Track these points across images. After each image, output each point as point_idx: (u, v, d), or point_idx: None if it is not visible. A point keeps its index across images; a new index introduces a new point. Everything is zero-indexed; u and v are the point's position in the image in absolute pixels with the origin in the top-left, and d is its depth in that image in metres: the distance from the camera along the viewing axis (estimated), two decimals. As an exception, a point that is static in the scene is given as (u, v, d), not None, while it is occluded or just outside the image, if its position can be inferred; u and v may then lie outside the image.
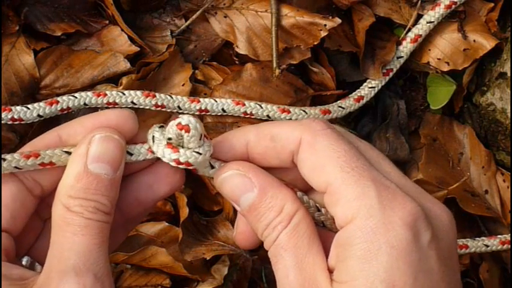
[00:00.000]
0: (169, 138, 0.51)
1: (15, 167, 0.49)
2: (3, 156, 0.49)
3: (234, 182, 0.51)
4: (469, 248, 0.88)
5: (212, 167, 0.53)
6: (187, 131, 0.51)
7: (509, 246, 0.90)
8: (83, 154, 0.49)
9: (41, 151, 0.50)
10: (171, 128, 0.51)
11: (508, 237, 0.90)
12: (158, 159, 0.53)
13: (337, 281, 0.47)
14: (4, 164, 0.49)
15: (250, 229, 0.52)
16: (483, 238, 0.90)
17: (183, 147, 0.51)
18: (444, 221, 0.49)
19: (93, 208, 0.48)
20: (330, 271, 0.48)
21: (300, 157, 0.50)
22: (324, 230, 0.52)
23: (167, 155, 0.51)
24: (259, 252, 0.88)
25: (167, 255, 0.83)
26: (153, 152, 0.52)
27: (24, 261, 0.51)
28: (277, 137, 0.51)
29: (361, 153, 0.49)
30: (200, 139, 0.51)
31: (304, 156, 0.50)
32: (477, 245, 0.89)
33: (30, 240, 0.54)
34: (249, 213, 0.50)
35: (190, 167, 0.52)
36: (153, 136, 0.52)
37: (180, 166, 0.51)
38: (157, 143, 0.51)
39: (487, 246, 0.89)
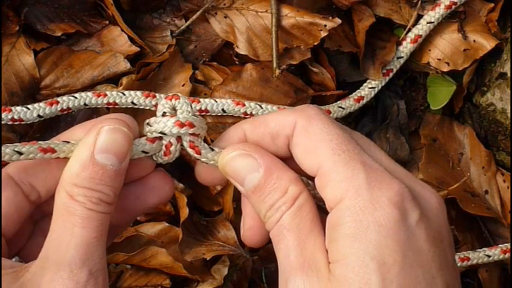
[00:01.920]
0: (164, 114, 0.52)
1: (15, 151, 0.49)
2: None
3: (239, 162, 0.51)
4: (471, 259, 0.88)
5: (212, 149, 0.53)
6: (177, 98, 0.52)
7: (510, 254, 0.90)
8: (90, 143, 0.49)
9: (38, 141, 0.50)
10: (161, 104, 0.52)
11: (509, 246, 0.90)
12: (157, 158, 0.53)
13: (331, 262, 0.47)
14: (2, 147, 0.49)
15: (259, 224, 0.52)
16: (484, 249, 0.90)
17: None
18: (433, 204, 0.49)
19: (96, 199, 0.48)
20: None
21: (294, 141, 0.51)
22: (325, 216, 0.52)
23: (167, 123, 0.52)
24: (259, 253, 0.88)
25: (167, 255, 0.83)
26: (152, 141, 0.52)
27: (13, 261, 0.51)
28: (273, 123, 0.51)
29: (353, 138, 0.50)
30: (191, 109, 0.52)
31: (298, 139, 0.50)
32: (479, 256, 0.89)
33: (22, 242, 0.54)
34: (253, 193, 0.51)
35: (192, 130, 0.52)
36: (148, 122, 0.53)
37: (182, 130, 0.52)
38: (154, 122, 0.52)
39: (488, 256, 0.89)
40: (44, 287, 0.46)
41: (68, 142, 0.51)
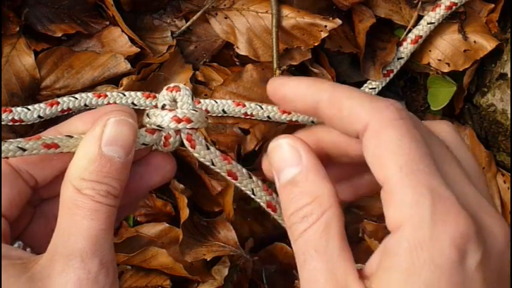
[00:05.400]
0: (163, 106, 0.52)
1: (19, 147, 0.49)
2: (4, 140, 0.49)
3: (285, 152, 0.49)
4: None
5: (208, 148, 0.53)
6: (178, 90, 0.52)
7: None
8: (97, 136, 0.48)
9: (42, 135, 0.50)
10: (162, 95, 0.52)
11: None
12: (154, 150, 0.53)
13: None
14: (6, 144, 0.49)
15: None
16: None
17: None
18: (500, 241, 0.46)
19: (104, 192, 0.48)
20: (365, 277, 0.46)
21: (364, 142, 0.47)
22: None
23: (165, 117, 0.52)
24: (259, 253, 0.88)
25: (167, 256, 0.83)
26: (152, 132, 0.52)
27: (16, 245, 0.52)
28: (347, 112, 0.48)
29: (428, 152, 0.46)
30: (193, 100, 0.53)
31: (369, 143, 0.46)
32: None
33: (22, 226, 0.54)
34: (284, 188, 0.48)
35: (190, 125, 0.52)
36: (147, 114, 0.53)
37: (179, 125, 0.52)
38: (153, 114, 0.52)
39: None
40: (54, 278, 0.46)
41: (71, 137, 0.50)
